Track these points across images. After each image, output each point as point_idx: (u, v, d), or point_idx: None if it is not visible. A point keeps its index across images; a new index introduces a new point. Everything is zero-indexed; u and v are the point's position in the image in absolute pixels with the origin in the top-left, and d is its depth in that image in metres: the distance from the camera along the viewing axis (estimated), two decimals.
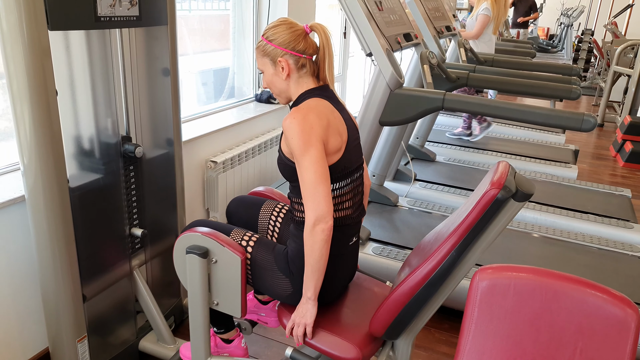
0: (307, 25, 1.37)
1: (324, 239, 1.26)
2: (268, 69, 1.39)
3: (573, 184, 3.47)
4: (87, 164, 1.62)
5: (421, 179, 3.37)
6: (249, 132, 2.95)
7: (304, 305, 1.35)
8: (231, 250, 1.40)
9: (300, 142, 1.26)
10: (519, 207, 1.15)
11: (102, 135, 1.64)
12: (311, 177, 1.26)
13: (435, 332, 2.19)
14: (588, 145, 5.49)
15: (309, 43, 1.37)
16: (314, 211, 1.26)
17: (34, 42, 1.29)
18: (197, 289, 1.45)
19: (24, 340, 1.78)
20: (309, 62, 1.38)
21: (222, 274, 1.44)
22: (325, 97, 1.38)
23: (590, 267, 2.39)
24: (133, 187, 1.79)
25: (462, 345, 0.88)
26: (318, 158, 1.27)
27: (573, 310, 0.80)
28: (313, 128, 1.27)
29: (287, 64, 1.35)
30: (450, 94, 2.02)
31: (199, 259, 1.41)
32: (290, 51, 1.34)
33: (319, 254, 1.28)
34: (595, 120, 1.85)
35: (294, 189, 1.40)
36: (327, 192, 1.27)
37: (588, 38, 8.69)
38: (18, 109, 1.35)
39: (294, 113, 1.30)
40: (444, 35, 3.24)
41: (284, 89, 1.40)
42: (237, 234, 1.48)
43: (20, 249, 1.70)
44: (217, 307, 1.49)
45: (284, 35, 1.34)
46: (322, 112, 1.32)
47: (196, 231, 1.43)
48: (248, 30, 3.16)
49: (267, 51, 1.36)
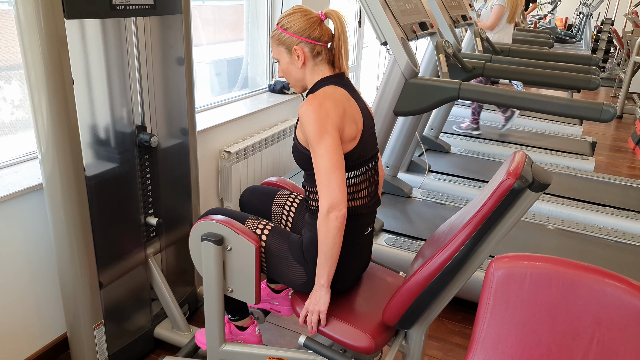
0: (322, 13, 1.36)
1: (337, 226, 1.26)
2: (283, 57, 1.38)
3: (590, 176, 3.41)
4: (102, 153, 1.64)
5: (435, 170, 3.35)
6: (262, 122, 2.95)
7: (317, 292, 1.36)
8: (246, 238, 1.41)
9: (316, 129, 1.25)
10: (536, 197, 1.14)
11: (118, 124, 1.66)
12: (326, 165, 1.26)
13: (448, 323, 2.19)
14: (606, 137, 5.39)
15: (324, 30, 1.36)
16: (328, 199, 1.26)
17: (50, 31, 1.30)
18: (212, 275, 1.47)
19: (43, 325, 1.82)
20: (325, 49, 1.37)
21: (237, 262, 1.45)
22: (342, 85, 1.37)
23: (606, 260, 2.35)
24: (148, 177, 1.81)
25: (477, 333, 0.88)
26: (333, 145, 1.26)
27: (590, 300, 0.78)
28: (329, 115, 1.27)
29: (303, 52, 1.35)
30: (466, 84, 2.00)
31: (214, 246, 1.42)
32: (306, 39, 1.33)
33: (332, 242, 1.28)
34: (615, 111, 1.82)
35: (308, 177, 1.40)
36: (341, 180, 1.26)
37: (608, 28, 8.50)
38: (36, 98, 1.37)
39: (309, 100, 1.29)
40: (460, 25, 3.20)
41: (300, 78, 1.40)
42: (252, 222, 1.49)
43: (39, 236, 1.73)
44: (231, 294, 1.51)
45: (299, 23, 1.33)
46: (338, 99, 1.31)
47: (211, 219, 1.44)
48: (262, 21, 3.15)
49: (282, 40, 1.36)
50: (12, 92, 1.80)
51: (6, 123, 1.79)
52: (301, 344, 1.38)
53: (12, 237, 1.65)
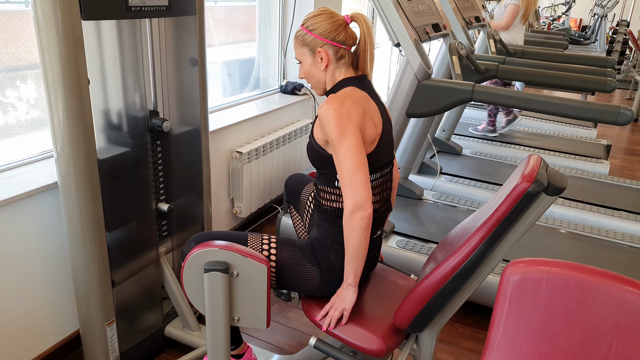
0: (348, 16, 1.35)
1: (363, 226, 1.25)
2: (306, 59, 1.37)
3: (604, 180, 3.37)
4: (115, 139, 1.65)
5: (447, 173, 3.33)
6: (273, 123, 2.96)
7: (344, 290, 1.36)
8: (255, 260, 1.32)
9: (338, 128, 1.24)
10: (551, 201, 1.12)
11: (132, 123, 1.67)
12: (349, 164, 1.24)
13: (459, 327, 2.17)
14: (621, 140, 5.31)
15: (349, 34, 1.35)
16: (352, 199, 1.24)
17: (67, 32, 1.32)
18: (218, 308, 1.35)
19: (56, 322, 1.84)
20: (348, 53, 1.36)
21: (245, 287, 1.35)
22: (362, 87, 1.36)
23: (621, 265, 2.32)
24: (160, 162, 1.82)
25: (491, 338, 0.87)
26: (356, 145, 1.25)
27: (608, 306, 0.77)
28: (351, 115, 1.26)
29: (327, 55, 1.34)
30: (479, 85, 1.98)
31: (222, 275, 1.30)
32: (330, 41, 1.32)
33: (358, 242, 1.27)
34: (632, 114, 1.79)
35: (321, 176, 1.39)
36: (365, 179, 1.25)
37: (623, 29, 8.38)
38: (52, 98, 1.38)
39: (330, 100, 1.28)
40: (473, 26, 3.18)
41: (322, 80, 1.39)
42: (255, 242, 1.43)
43: (53, 234, 1.75)
44: (238, 323, 1.41)
45: (324, 25, 1.32)
46: (358, 100, 1.31)
47: (212, 245, 1.32)
48: (274, 22, 3.16)
49: (306, 41, 1.35)
50: (28, 92, 1.83)
51: (22, 122, 1.82)
52: (312, 345, 1.38)
53: (28, 235, 1.67)
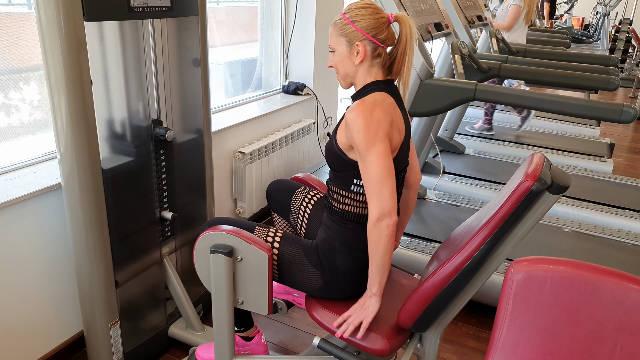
0: (392, 15, 1.32)
1: (388, 234, 1.24)
2: (341, 49, 1.33)
3: (608, 179, 3.35)
4: (119, 147, 1.65)
5: (450, 172, 3.32)
6: (276, 123, 2.96)
7: (367, 299, 1.33)
8: (257, 247, 1.37)
9: (367, 136, 1.23)
10: (554, 200, 1.12)
11: (135, 123, 1.67)
12: (378, 172, 1.23)
13: (462, 326, 2.17)
14: (624, 138, 5.29)
15: (390, 33, 1.32)
16: (379, 206, 1.23)
17: (70, 33, 1.32)
18: (222, 288, 1.42)
19: (60, 323, 1.84)
20: (385, 52, 1.34)
21: (248, 272, 1.41)
22: (390, 93, 1.34)
23: (625, 263, 2.31)
24: (164, 171, 1.82)
25: (495, 337, 0.87)
26: (385, 153, 1.24)
27: (613, 304, 0.77)
28: (380, 123, 1.24)
29: (364, 50, 1.31)
30: (482, 84, 1.98)
31: (225, 257, 1.38)
32: (372, 38, 1.29)
33: (384, 250, 1.26)
34: (636, 112, 1.78)
35: (337, 179, 1.38)
36: (392, 187, 1.24)
37: (626, 27, 8.35)
38: (55, 98, 1.39)
39: (360, 106, 1.26)
40: (475, 25, 3.17)
41: (351, 74, 1.36)
42: (261, 231, 1.47)
43: (57, 235, 1.75)
44: (241, 305, 1.47)
45: (369, 20, 1.29)
46: (386, 108, 1.29)
47: (219, 229, 1.40)
48: (276, 22, 3.16)
49: (345, 31, 1.31)
50: (31, 93, 1.83)
51: (25, 123, 1.82)
52: (315, 345, 1.38)
53: (31, 236, 1.67)
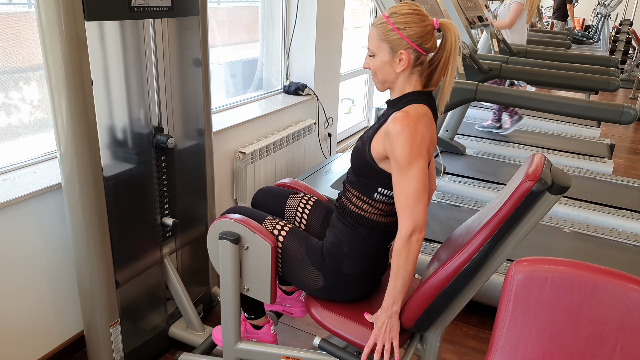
0: (437, 21, 1.27)
1: (417, 249, 1.24)
2: (383, 55, 1.28)
3: (608, 179, 3.35)
4: (120, 154, 1.65)
5: (450, 172, 3.32)
6: (277, 123, 2.96)
7: (389, 319, 1.29)
8: (262, 237, 1.42)
9: (411, 151, 1.20)
10: (555, 200, 1.12)
11: (135, 125, 1.67)
12: (417, 188, 1.21)
13: (462, 327, 2.17)
14: (624, 139, 5.30)
15: (434, 41, 1.28)
16: (413, 221, 1.22)
17: (71, 33, 1.32)
18: (228, 274, 1.49)
19: (61, 323, 1.84)
20: (425, 61, 1.30)
21: (253, 261, 1.46)
22: (429, 106, 1.31)
23: (625, 264, 2.31)
24: (165, 177, 1.83)
25: (496, 338, 0.87)
26: (424, 168, 1.22)
27: (614, 305, 0.77)
28: (423, 139, 1.23)
29: (408, 58, 1.26)
30: (482, 85, 1.98)
31: (231, 244, 1.44)
32: (417, 47, 1.25)
33: (412, 266, 1.25)
34: (636, 113, 1.78)
35: (359, 183, 1.35)
36: (426, 204, 1.24)
37: (626, 28, 8.36)
38: (56, 98, 1.39)
39: (405, 119, 1.22)
40: (476, 26, 3.17)
41: (391, 80, 1.32)
42: (270, 222, 1.49)
43: (57, 234, 1.75)
44: (247, 292, 1.52)
45: (415, 28, 1.24)
46: (427, 122, 1.27)
47: (229, 217, 1.46)
48: (277, 22, 3.16)
49: (389, 38, 1.26)
50: (32, 93, 1.83)
51: (25, 123, 1.82)
52: (316, 345, 1.38)
53: (31, 236, 1.67)
